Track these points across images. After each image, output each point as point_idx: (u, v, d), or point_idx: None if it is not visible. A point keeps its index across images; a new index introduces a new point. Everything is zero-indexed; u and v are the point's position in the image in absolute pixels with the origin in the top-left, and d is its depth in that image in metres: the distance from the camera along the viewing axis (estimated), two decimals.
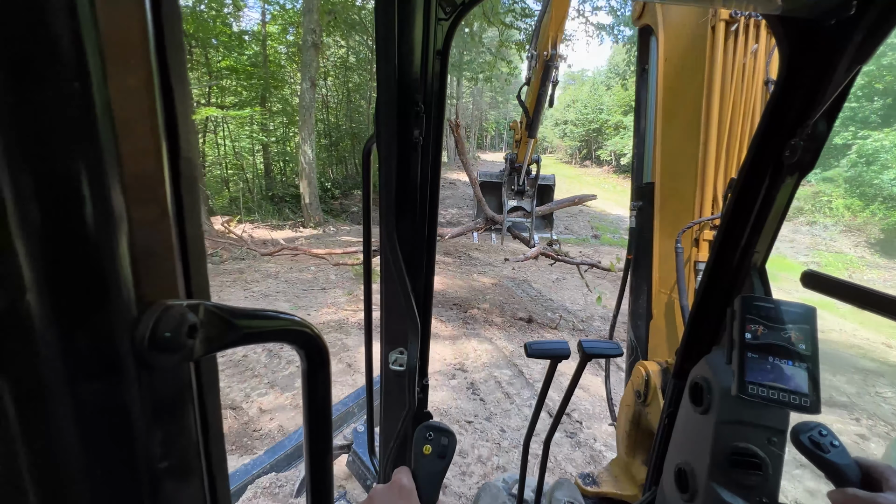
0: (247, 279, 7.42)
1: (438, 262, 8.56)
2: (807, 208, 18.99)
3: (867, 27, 0.72)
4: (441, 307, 6.45)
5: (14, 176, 0.22)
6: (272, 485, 2.24)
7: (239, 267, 8.11)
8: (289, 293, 6.79)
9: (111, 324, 0.26)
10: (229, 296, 6.53)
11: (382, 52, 0.80)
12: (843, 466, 0.76)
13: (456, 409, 3.88)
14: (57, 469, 0.26)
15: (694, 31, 1.62)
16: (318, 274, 7.82)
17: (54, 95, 0.23)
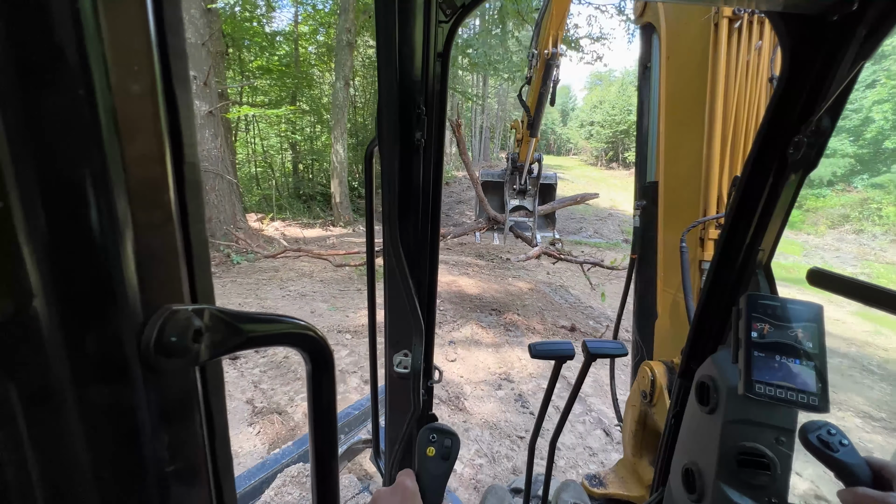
0: (282, 278, 7.39)
1: (471, 264, 8.44)
2: (853, 216, 17.80)
3: (870, 23, 0.72)
4: (479, 311, 6.33)
5: (20, 182, 0.22)
6: (300, 474, 2.32)
7: (274, 265, 8.11)
8: (325, 293, 6.75)
9: (117, 328, 0.26)
10: (267, 294, 6.51)
11: (383, 55, 0.81)
12: (853, 466, 0.75)
13: (505, 422, 3.71)
14: (64, 473, 0.26)
15: (696, 29, 1.61)
16: (353, 274, 7.77)
17: (59, 102, 0.23)
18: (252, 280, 7.22)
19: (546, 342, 1.23)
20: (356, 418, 2.92)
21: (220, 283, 7.16)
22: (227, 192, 9.11)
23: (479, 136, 38.04)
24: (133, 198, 0.26)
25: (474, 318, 6.01)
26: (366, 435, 2.73)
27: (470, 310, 6.34)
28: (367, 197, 1.11)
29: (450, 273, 7.91)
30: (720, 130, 1.54)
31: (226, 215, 9.07)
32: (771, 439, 0.90)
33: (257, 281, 7.19)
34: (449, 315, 6.05)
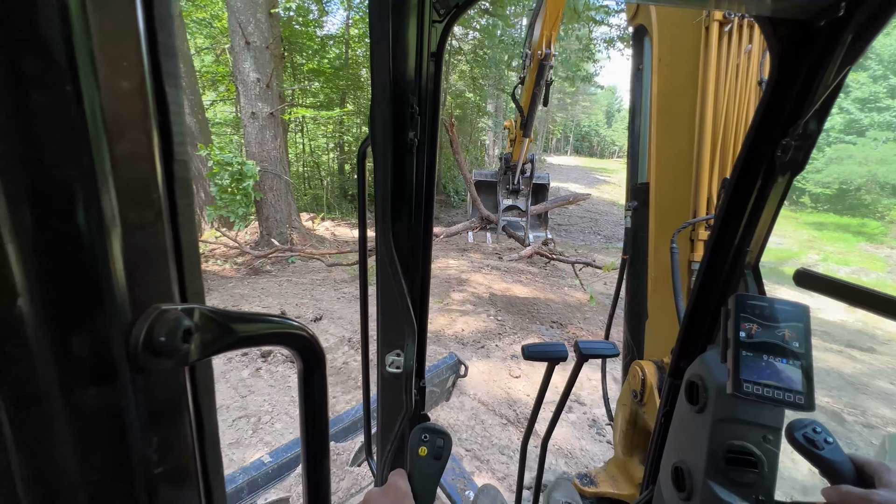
0: (335, 279, 7.29)
1: (523, 271, 8.20)
2: None
3: (856, 28, 0.73)
4: (539, 323, 6.00)
5: (7, 180, 0.22)
6: (331, 452, 2.37)
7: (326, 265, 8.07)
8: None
9: (106, 328, 0.26)
10: (321, 296, 6.41)
11: (376, 55, 0.81)
12: (838, 463, 0.77)
13: (580, 450, 3.51)
14: (52, 475, 0.25)
15: (688, 32, 1.62)
16: None
17: (46, 99, 0.23)
18: (307, 280, 7.13)
19: (539, 344, 1.24)
20: None
21: (277, 283, 7.12)
22: (283, 192, 9.12)
23: None
24: (122, 196, 0.26)
25: (535, 331, 5.75)
26: None
27: (529, 321, 6.03)
28: (359, 197, 1.11)
29: (503, 280, 7.61)
30: (710, 132, 1.56)
31: (282, 215, 9.09)
32: (758, 438, 0.91)
33: (311, 282, 7.09)
34: (508, 326, 5.76)
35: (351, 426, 2.68)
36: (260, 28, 8.15)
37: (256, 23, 8.09)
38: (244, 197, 7.90)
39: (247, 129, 8.73)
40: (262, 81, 8.30)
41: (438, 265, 8.30)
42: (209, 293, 6.64)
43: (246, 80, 8.28)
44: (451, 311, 6.15)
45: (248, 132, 8.72)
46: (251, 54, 8.10)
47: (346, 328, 5.38)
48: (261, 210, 8.95)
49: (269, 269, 7.98)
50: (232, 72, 9.73)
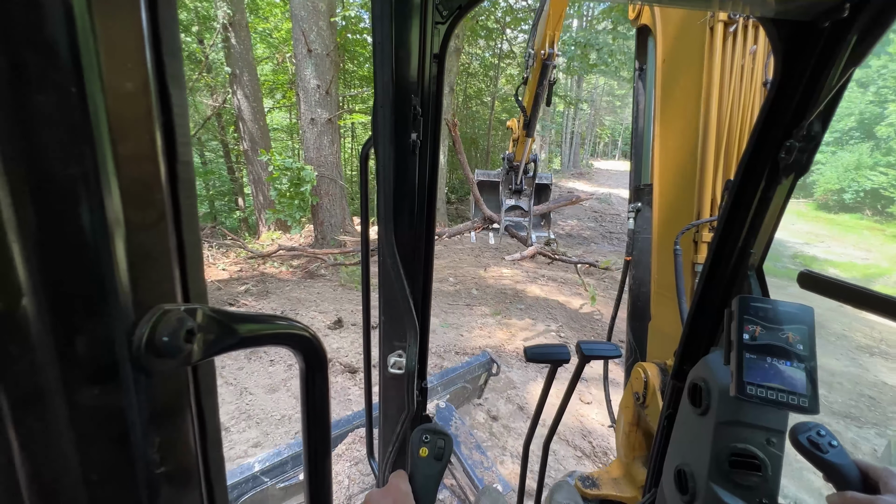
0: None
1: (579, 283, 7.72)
2: None
3: (860, 29, 0.73)
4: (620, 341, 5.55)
5: (11, 180, 0.22)
6: None
7: (374, 271, 7.75)
8: (435, 307, 6.31)
9: (108, 328, 0.26)
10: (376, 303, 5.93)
11: (379, 56, 0.81)
12: (842, 467, 0.76)
13: None
14: (54, 475, 0.25)
15: (692, 32, 1.62)
16: (459, 286, 7.43)
17: (51, 100, 0.23)
18: (354, 293, 7.06)
19: (541, 345, 1.23)
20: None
21: (332, 287, 7.15)
22: (338, 196, 9.21)
23: (569, 142, 34.74)
24: (125, 196, 0.26)
25: None
26: None
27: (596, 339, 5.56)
28: (361, 197, 1.11)
29: (560, 292, 7.31)
30: (714, 134, 1.55)
31: (336, 219, 9.17)
32: (762, 440, 0.91)
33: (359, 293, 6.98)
34: (573, 344, 5.50)
35: None
36: (321, 36, 8.27)
37: (318, 31, 8.21)
38: (302, 201, 7.98)
39: (305, 135, 8.83)
40: (321, 88, 8.42)
41: (492, 274, 8.11)
42: (268, 296, 6.61)
43: (307, 87, 8.42)
44: (509, 326, 5.94)
45: (306, 138, 8.83)
46: (312, 61, 8.25)
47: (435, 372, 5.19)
48: (316, 214, 9.03)
49: (323, 272, 7.98)
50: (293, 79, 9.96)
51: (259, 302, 6.36)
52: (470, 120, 18.86)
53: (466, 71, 18.32)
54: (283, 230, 9.73)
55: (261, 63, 13.54)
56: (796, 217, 20.55)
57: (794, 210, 21.81)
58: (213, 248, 9.00)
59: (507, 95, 18.70)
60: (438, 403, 2.86)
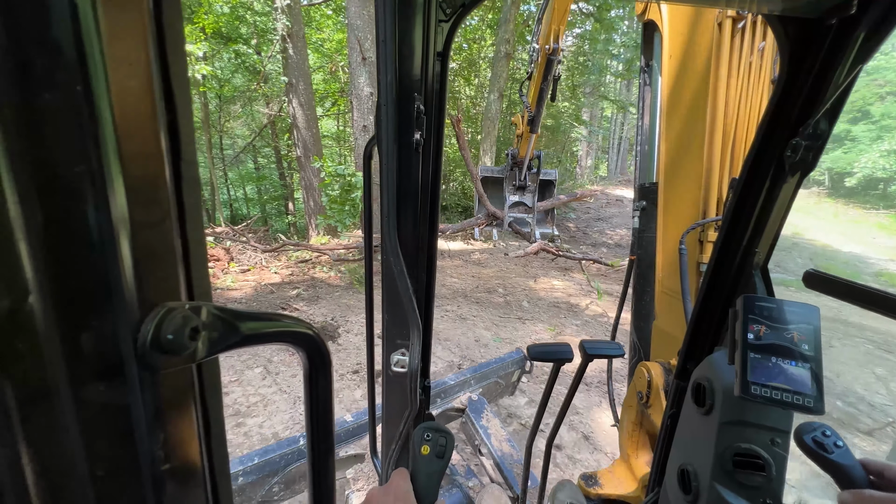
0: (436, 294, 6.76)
1: None
2: None
3: (868, 26, 0.72)
4: None
5: (18, 178, 0.22)
6: None
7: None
8: (485, 318, 6.20)
9: (114, 326, 0.26)
10: None
11: (382, 54, 0.81)
12: (848, 467, 0.76)
13: None
14: (59, 471, 0.26)
15: (699, 28, 1.60)
16: (509, 297, 7.23)
17: (57, 99, 0.23)
18: None
19: (544, 344, 1.23)
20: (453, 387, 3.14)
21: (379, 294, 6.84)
22: None
23: (616, 147, 33.07)
24: (130, 195, 0.26)
25: None
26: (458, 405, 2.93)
27: None
28: (365, 196, 1.11)
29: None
30: (721, 131, 1.54)
31: None
32: (766, 440, 0.91)
33: None
34: None
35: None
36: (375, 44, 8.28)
37: (373, 39, 8.16)
38: (352, 207, 8.08)
39: (357, 142, 8.85)
40: (374, 95, 8.40)
41: (542, 286, 7.88)
42: (318, 301, 6.55)
43: (360, 95, 8.45)
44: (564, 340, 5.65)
45: (358, 145, 8.86)
46: (366, 69, 8.28)
47: (454, 352, 5.09)
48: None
49: None
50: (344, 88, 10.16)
51: (311, 307, 6.29)
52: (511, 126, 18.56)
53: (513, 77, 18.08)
54: (332, 235, 9.83)
55: (313, 73, 13.71)
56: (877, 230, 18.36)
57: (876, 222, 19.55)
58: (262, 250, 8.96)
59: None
60: (471, 396, 2.96)
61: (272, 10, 9.84)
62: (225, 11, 10.51)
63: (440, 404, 2.96)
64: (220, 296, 6.90)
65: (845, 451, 0.78)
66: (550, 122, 18.35)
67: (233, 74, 13.29)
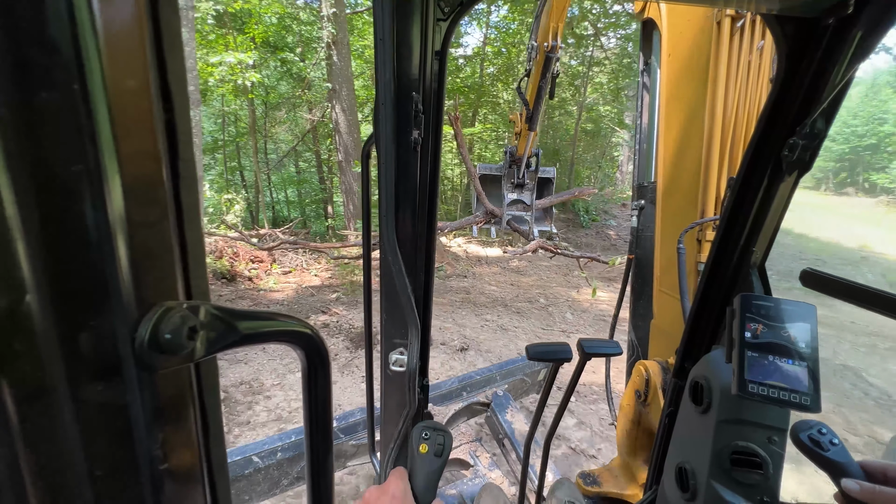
0: (475, 302, 6.89)
1: None
2: None
3: (865, 26, 0.72)
4: None
5: (15, 178, 0.22)
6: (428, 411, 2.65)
7: (464, 286, 7.76)
8: (527, 328, 6.00)
9: (112, 325, 0.26)
10: (464, 321, 5.99)
11: (380, 53, 0.81)
12: (844, 464, 0.77)
13: None
14: (57, 470, 0.26)
15: (698, 27, 1.59)
16: (551, 308, 6.98)
17: (54, 98, 0.23)
18: (446, 301, 6.86)
19: (543, 344, 1.23)
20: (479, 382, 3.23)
21: None
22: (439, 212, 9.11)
23: None
24: (128, 194, 0.26)
25: None
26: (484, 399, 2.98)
27: None
28: (363, 195, 1.11)
29: None
30: (720, 131, 1.54)
31: None
32: (763, 439, 0.91)
33: (451, 302, 6.81)
34: None
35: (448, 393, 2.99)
36: None
37: None
38: None
39: None
40: None
41: (585, 297, 7.64)
42: (357, 306, 6.46)
43: None
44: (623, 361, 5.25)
45: None
46: None
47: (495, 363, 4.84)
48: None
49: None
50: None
51: (349, 311, 6.20)
52: (552, 130, 18.38)
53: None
54: None
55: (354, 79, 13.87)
56: None
57: None
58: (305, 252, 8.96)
59: (593, 105, 18.13)
60: (497, 391, 3.01)
61: (318, 20, 9.89)
62: (273, 22, 10.80)
63: (466, 398, 3.06)
64: (264, 297, 6.89)
65: (841, 448, 0.78)
66: (591, 126, 18.16)
67: (278, 82, 13.60)
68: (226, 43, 10.52)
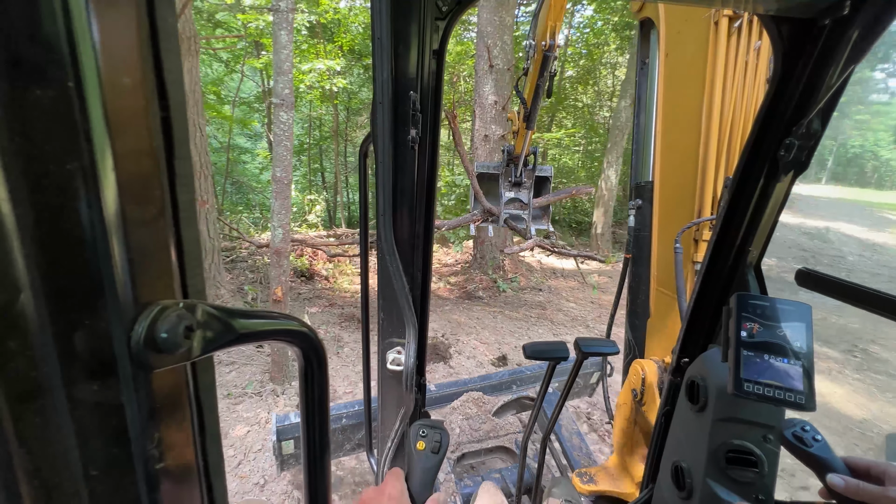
0: (552, 319, 6.56)
1: None
2: None
3: (861, 27, 0.73)
4: None
5: (9, 176, 0.22)
6: (479, 398, 3.00)
7: (539, 300, 7.41)
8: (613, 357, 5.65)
9: (107, 324, 0.26)
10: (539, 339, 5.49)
11: (378, 52, 0.80)
12: (827, 460, 0.78)
13: None
14: (52, 470, 0.26)
15: (696, 27, 1.60)
16: None
17: (49, 95, 0.23)
18: (520, 315, 6.62)
19: (540, 342, 1.23)
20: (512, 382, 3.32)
21: (491, 314, 6.74)
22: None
23: None
24: (123, 192, 0.26)
25: None
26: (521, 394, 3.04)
27: None
28: (360, 194, 1.11)
29: None
30: (717, 130, 1.54)
31: (498, 240, 8.58)
32: (758, 437, 0.92)
33: (525, 317, 6.57)
34: None
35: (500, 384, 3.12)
36: (505, 50, 7.95)
37: (503, 45, 7.89)
38: None
39: (477, 152, 8.57)
40: (498, 104, 8.07)
41: None
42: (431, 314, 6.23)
43: (484, 103, 8.11)
44: None
45: (478, 155, 8.57)
46: (493, 77, 7.95)
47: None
48: (479, 233, 8.86)
49: (480, 294, 7.73)
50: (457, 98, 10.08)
51: None
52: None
53: None
54: (442, 244, 9.58)
55: None
56: None
57: None
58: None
59: None
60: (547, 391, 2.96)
61: None
62: (360, 31, 10.99)
63: (515, 391, 3.12)
64: (339, 297, 6.88)
65: (823, 444, 0.80)
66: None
67: (360, 88, 13.83)
68: (316, 52, 10.80)
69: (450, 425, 2.79)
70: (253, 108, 13.41)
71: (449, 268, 8.67)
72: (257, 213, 13.28)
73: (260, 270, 7.34)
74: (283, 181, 4.07)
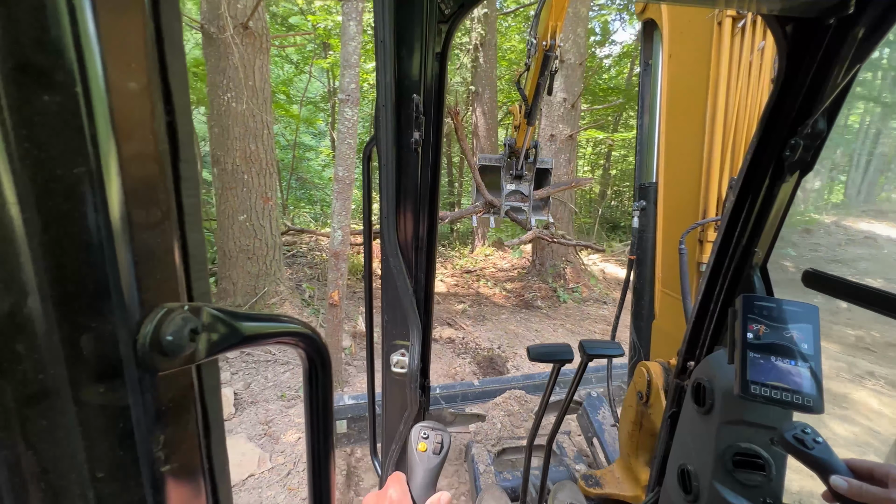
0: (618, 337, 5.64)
1: None
2: None
3: (866, 26, 0.72)
4: None
5: (17, 180, 0.22)
6: (521, 397, 3.06)
7: (603, 314, 6.81)
8: None
9: (113, 327, 0.26)
10: None
11: (381, 55, 0.81)
12: (828, 461, 0.77)
13: None
14: (59, 472, 0.26)
15: (699, 27, 1.59)
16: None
17: (56, 100, 0.23)
18: (584, 330, 6.18)
19: (545, 345, 1.23)
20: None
21: (551, 326, 6.41)
22: (565, 221, 8.23)
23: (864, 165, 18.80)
24: (129, 196, 0.26)
25: None
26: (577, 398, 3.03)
27: None
28: (364, 196, 1.11)
29: None
30: (721, 131, 1.53)
31: (559, 247, 8.11)
32: (766, 440, 0.91)
33: (589, 332, 6.14)
34: None
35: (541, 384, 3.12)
36: (577, 44, 7.51)
37: (575, 38, 7.46)
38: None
39: (541, 153, 8.19)
40: (568, 101, 7.65)
41: None
42: (484, 322, 6.12)
43: (551, 101, 7.62)
44: None
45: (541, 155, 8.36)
46: (563, 73, 7.42)
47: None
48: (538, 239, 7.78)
49: (539, 304, 7.40)
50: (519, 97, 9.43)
51: (476, 328, 5.89)
52: None
53: None
54: (498, 247, 9.37)
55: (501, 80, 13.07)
56: None
57: None
58: None
59: None
60: (591, 392, 3.07)
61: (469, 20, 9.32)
62: None
63: (558, 392, 3.07)
64: None
65: (825, 447, 0.79)
66: None
67: None
68: None
69: (491, 420, 2.88)
70: (318, 107, 13.16)
71: (505, 273, 8.42)
72: (318, 208, 13.20)
73: (318, 267, 7.13)
74: (345, 181, 3.89)
